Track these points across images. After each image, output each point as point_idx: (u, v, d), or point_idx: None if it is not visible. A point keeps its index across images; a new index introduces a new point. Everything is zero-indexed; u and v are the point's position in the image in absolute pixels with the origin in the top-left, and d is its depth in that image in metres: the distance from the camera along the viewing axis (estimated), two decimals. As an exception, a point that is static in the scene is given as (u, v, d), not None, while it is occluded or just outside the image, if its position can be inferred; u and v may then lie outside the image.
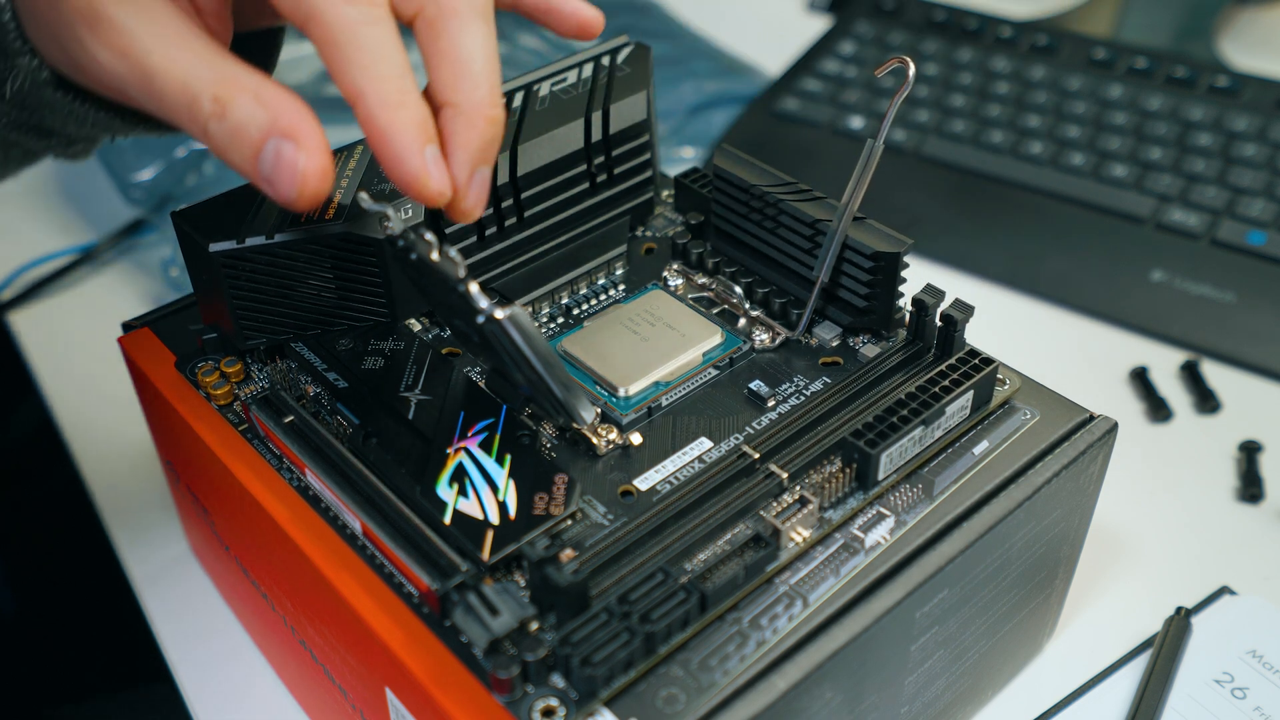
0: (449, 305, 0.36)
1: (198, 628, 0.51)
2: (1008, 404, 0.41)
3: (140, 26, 0.32)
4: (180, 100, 0.32)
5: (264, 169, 0.31)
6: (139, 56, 0.32)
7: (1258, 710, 0.45)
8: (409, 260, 0.35)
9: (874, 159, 0.41)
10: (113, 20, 0.32)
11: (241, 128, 0.31)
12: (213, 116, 0.31)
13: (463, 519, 0.35)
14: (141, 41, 0.32)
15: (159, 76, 0.32)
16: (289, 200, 0.32)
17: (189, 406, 0.42)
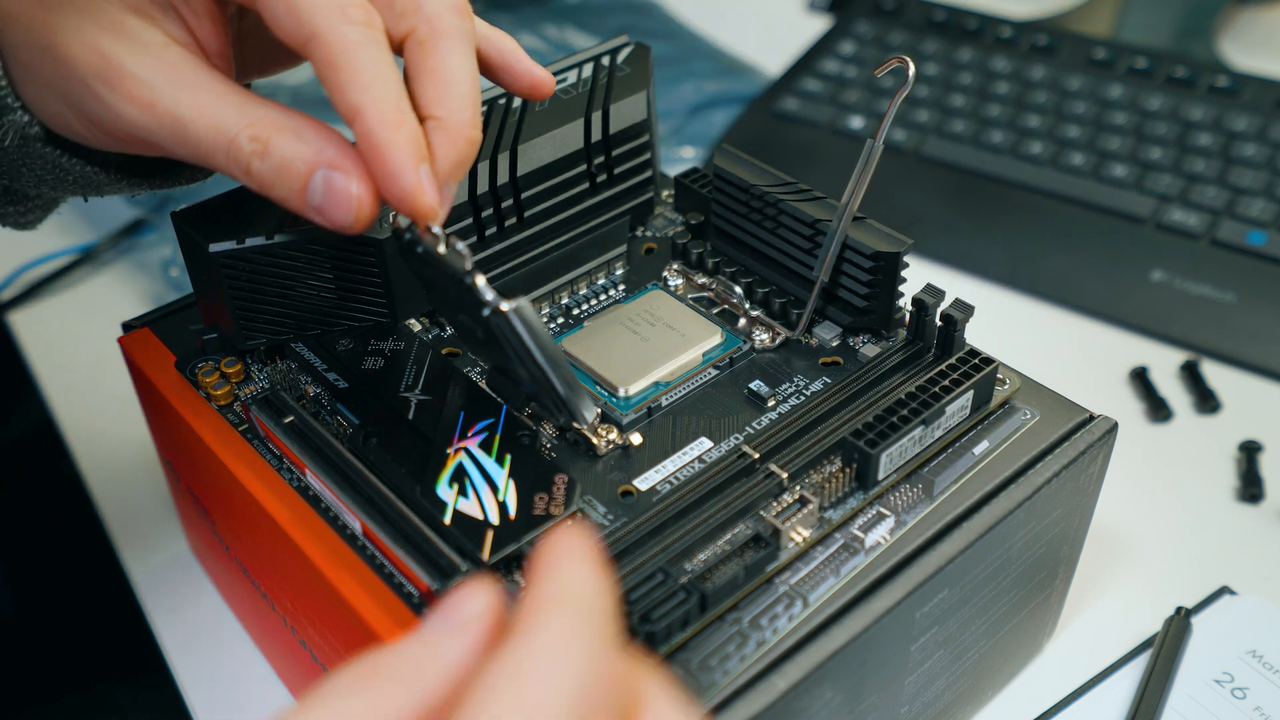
0: (454, 299, 0.36)
1: (198, 628, 0.51)
2: (1008, 404, 0.41)
3: (160, 76, 0.33)
4: (216, 144, 0.33)
5: (313, 200, 0.33)
6: (166, 106, 0.33)
7: (1258, 710, 0.45)
8: (415, 254, 0.35)
9: (874, 159, 0.41)
10: (133, 74, 0.33)
11: (287, 164, 0.33)
12: (254, 155, 0.33)
13: (463, 519, 0.35)
14: (165, 91, 0.33)
15: (190, 124, 0.33)
16: (344, 226, 0.33)
17: (189, 406, 0.42)
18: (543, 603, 0.24)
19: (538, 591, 0.24)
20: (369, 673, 0.23)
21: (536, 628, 0.23)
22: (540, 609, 0.24)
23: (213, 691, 0.49)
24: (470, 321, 0.36)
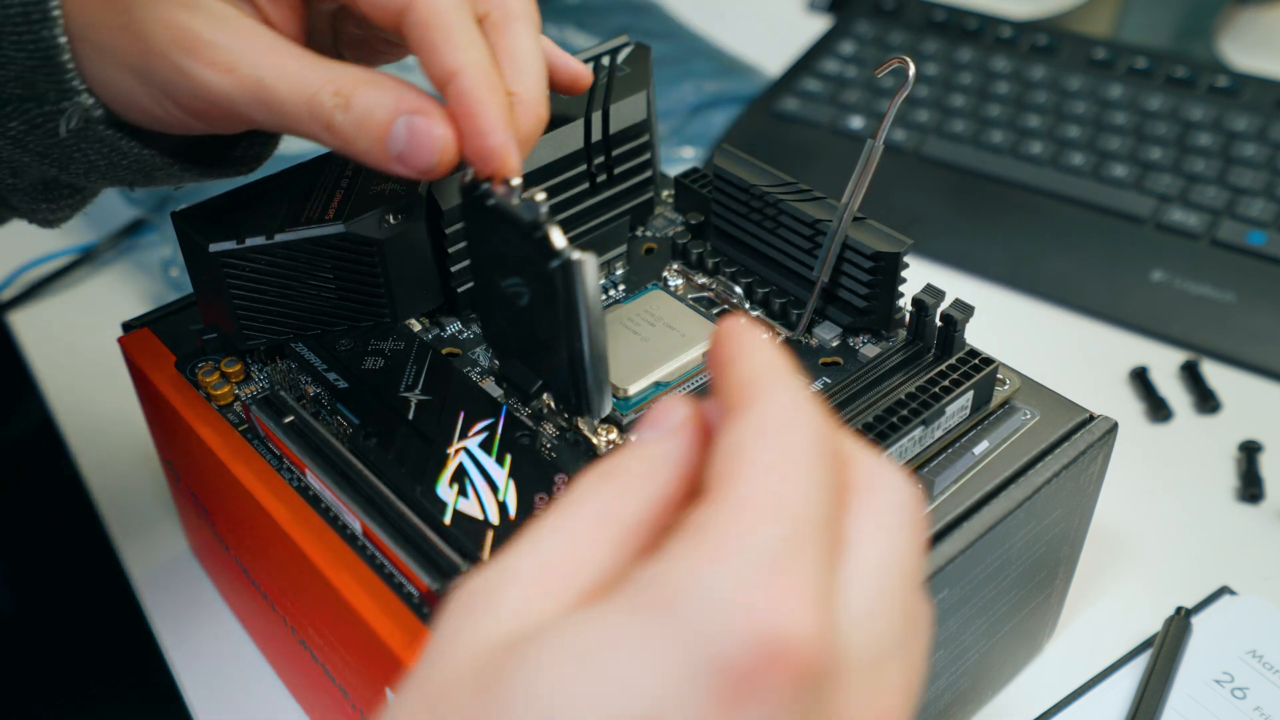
0: (505, 260, 0.35)
1: (198, 628, 0.51)
2: (1008, 404, 0.41)
3: (239, 43, 0.34)
4: (298, 101, 0.34)
5: (394, 148, 0.34)
6: (247, 70, 0.34)
7: (1258, 710, 0.45)
8: (483, 208, 0.35)
9: (874, 159, 0.41)
10: (212, 42, 0.34)
11: (369, 112, 0.34)
12: (337, 109, 0.34)
13: (463, 519, 0.35)
14: (246, 56, 0.34)
15: (272, 85, 0.34)
16: (426, 170, 0.34)
17: (189, 406, 0.42)
18: (755, 379, 0.25)
19: (741, 372, 0.25)
20: (603, 477, 0.25)
21: (761, 398, 0.24)
22: (755, 384, 0.25)
23: (213, 691, 0.49)
24: (518, 285, 0.35)
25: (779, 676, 0.20)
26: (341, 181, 0.42)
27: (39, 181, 0.41)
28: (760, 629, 0.20)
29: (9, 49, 0.36)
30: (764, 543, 0.21)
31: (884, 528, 0.24)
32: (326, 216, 0.40)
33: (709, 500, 0.23)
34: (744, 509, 0.22)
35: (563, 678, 0.21)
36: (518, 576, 0.23)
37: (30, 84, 0.37)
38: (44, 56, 0.36)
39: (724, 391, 0.25)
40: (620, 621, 0.21)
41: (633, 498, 0.24)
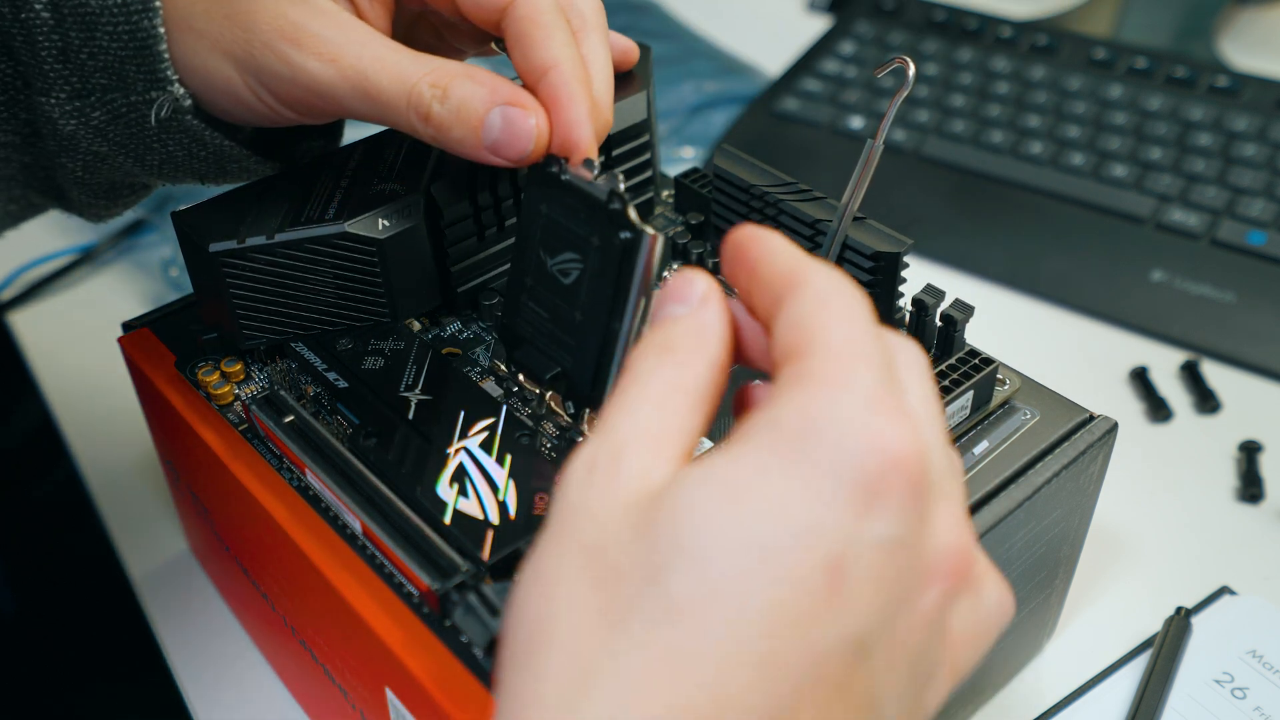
0: (562, 235, 0.36)
1: (198, 628, 0.51)
2: (1008, 404, 0.41)
3: (342, 35, 0.37)
4: (398, 91, 0.36)
5: (489, 137, 0.36)
6: (351, 61, 0.36)
7: (1258, 710, 0.45)
8: (554, 183, 0.36)
9: (874, 159, 0.41)
10: (318, 34, 0.36)
11: (466, 104, 0.36)
12: (435, 99, 0.36)
13: (463, 519, 0.35)
14: (349, 48, 0.36)
15: (374, 75, 0.36)
16: (518, 158, 0.37)
17: (189, 406, 0.42)
18: (796, 265, 0.28)
19: (779, 263, 0.28)
20: (659, 354, 0.28)
21: (810, 277, 0.27)
22: (798, 268, 0.28)
23: (213, 691, 0.49)
24: (572, 260, 0.36)
25: (900, 480, 0.24)
26: (341, 181, 0.42)
27: (107, 181, 0.43)
28: (883, 445, 0.24)
29: (103, 39, 0.38)
30: (865, 382, 0.25)
31: (919, 379, 0.28)
32: (326, 216, 0.40)
33: (802, 356, 0.26)
34: (839, 359, 0.26)
35: (724, 510, 0.24)
36: (628, 444, 0.26)
37: (119, 74, 0.38)
38: (140, 46, 0.38)
39: (766, 281, 0.28)
40: (762, 458, 0.24)
41: (692, 368, 0.28)
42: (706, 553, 0.23)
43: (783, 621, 0.23)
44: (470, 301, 0.45)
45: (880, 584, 0.24)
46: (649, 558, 0.24)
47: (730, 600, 0.23)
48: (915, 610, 0.25)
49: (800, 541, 0.23)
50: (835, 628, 0.23)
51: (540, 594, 0.25)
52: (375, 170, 0.42)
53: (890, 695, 0.25)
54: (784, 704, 0.23)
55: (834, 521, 0.24)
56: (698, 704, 0.23)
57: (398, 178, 0.42)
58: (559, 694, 0.23)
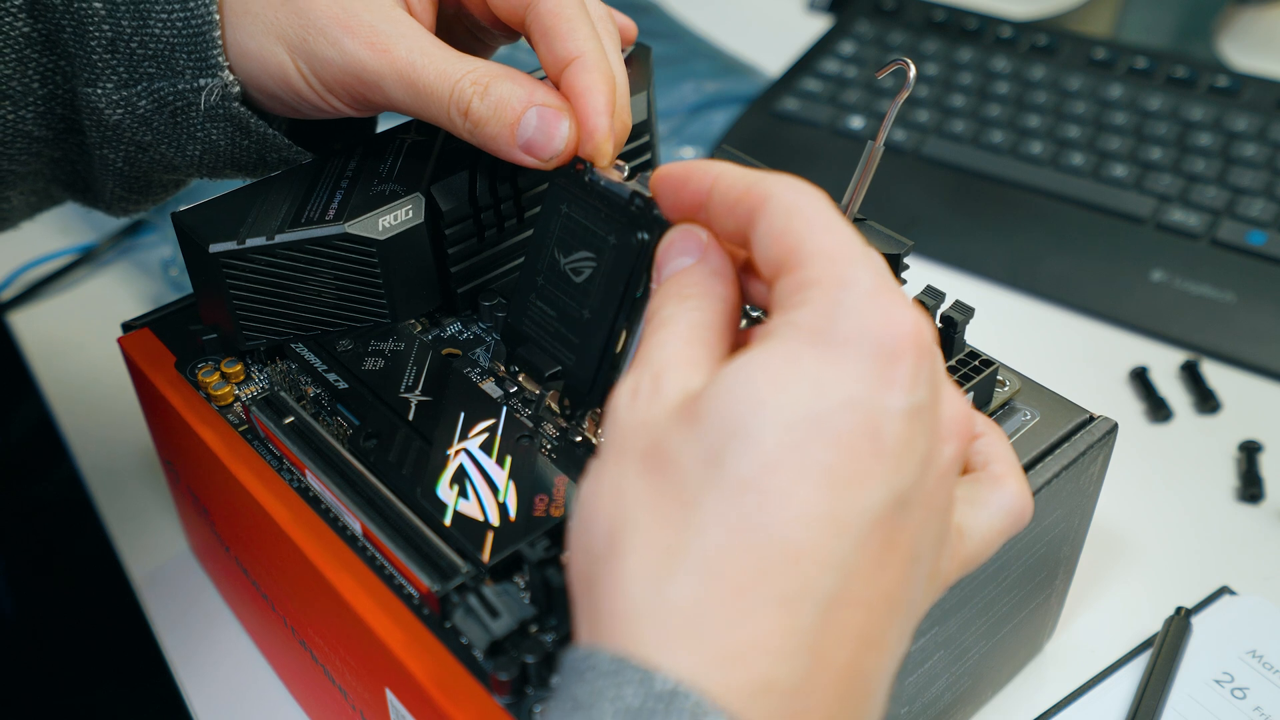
0: (580, 234, 0.36)
1: (198, 628, 0.51)
2: (1008, 405, 0.41)
3: (394, 28, 0.38)
4: (441, 85, 0.38)
5: (523, 135, 0.38)
6: (401, 53, 0.38)
7: (1258, 710, 0.45)
8: (581, 183, 0.37)
9: (874, 159, 0.41)
10: (371, 25, 0.38)
11: (504, 102, 0.38)
12: (476, 95, 0.38)
13: (463, 520, 0.35)
14: (400, 41, 0.38)
15: (421, 68, 0.38)
16: (549, 158, 0.38)
17: (189, 407, 0.42)
18: (753, 181, 0.30)
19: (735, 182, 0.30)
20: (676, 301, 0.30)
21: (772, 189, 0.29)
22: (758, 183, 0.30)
23: (213, 691, 0.49)
24: (586, 259, 0.36)
25: (914, 351, 0.27)
26: (341, 182, 0.42)
27: (145, 174, 0.44)
28: (894, 324, 0.27)
29: (156, 26, 0.39)
30: (864, 277, 0.27)
31: None
32: (326, 217, 0.40)
33: (797, 265, 0.28)
34: (835, 263, 0.28)
35: (767, 392, 0.26)
36: (666, 368, 0.29)
37: (168, 62, 0.40)
38: (194, 32, 0.39)
39: (728, 203, 0.30)
40: (791, 348, 0.27)
41: (709, 309, 0.30)
42: (760, 431, 0.26)
43: (838, 483, 0.26)
44: (470, 302, 0.45)
45: (911, 443, 0.27)
46: (707, 446, 0.26)
47: (789, 469, 0.26)
48: (938, 467, 0.28)
49: (841, 412, 0.26)
50: (882, 485, 0.26)
51: (610, 500, 0.27)
52: (375, 171, 0.42)
53: (925, 547, 0.28)
54: (848, 557, 0.25)
55: (866, 392, 0.26)
56: (774, 566, 0.25)
57: (398, 178, 0.42)
58: (646, 579, 0.26)
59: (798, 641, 0.25)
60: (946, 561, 0.30)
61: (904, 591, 0.27)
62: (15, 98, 0.42)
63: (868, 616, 0.26)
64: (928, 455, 0.27)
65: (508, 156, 0.38)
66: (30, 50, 0.41)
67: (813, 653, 0.25)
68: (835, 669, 0.25)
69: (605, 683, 0.24)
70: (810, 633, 0.25)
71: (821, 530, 0.25)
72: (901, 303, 0.27)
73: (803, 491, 0.25)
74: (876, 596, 0.26)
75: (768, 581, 0.25)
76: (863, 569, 0.26)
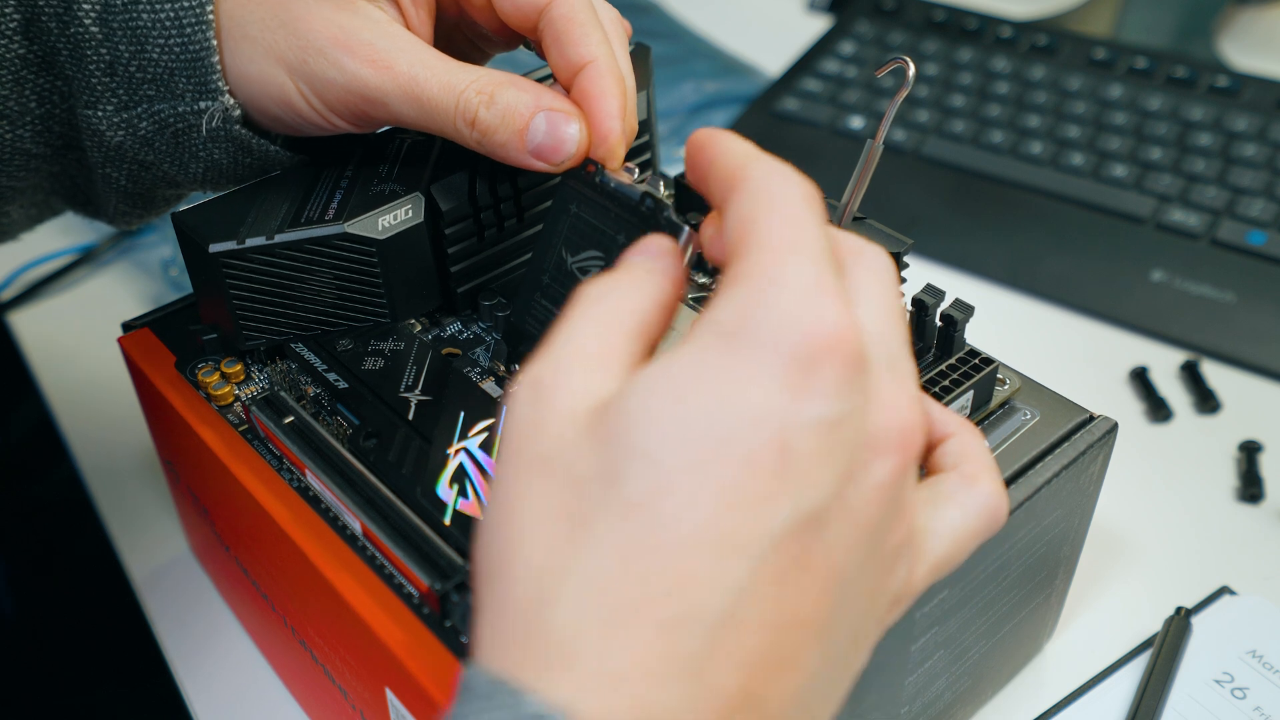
0: (590, 234, 0.37)
1: (198, 628, 0.51)
2: (1008, 404, 0.41)
3: (393, 44, 0.38)
4: (445, 98, 0.38)
5: (533, 140, 0.38)
6: (402, 68, 0.38)
7: (1258, 710, 0.45)
8: (592, 185, 0.37)
9: (874, 159, 0.41)
10: (371, 42, 0.38)
11: (511, 109, 0.38)
12: (482, 104, 0.38)
13: (463, 519, 0.35)
14: (401, 56, 0.38)
15: (424, 81, 0.38)
16: (559, 162, 0.38)
17: (189, 406, 0.42)
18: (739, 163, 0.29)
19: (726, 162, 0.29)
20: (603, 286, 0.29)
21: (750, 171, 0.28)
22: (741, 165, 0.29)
23: (213, 691, 0.49)
24: (595, 258, 0.36)
25: (835, 359, 0.25)
26: (341, 182, 0.42)
27: (148, 190, 0.44)
28: (815, 328, 0.25)
29: (154, 51, 0.39)
30: (798, 274, 0.26)
31: (876, 280, 0.29)
32: (326, 216, 0.40)
33: (742, 255, 0.27)
34: (773, 253, 0.26)
35: (669, 408, 0.25)
36: (573, 362, 0.27)
37: (168, 85, 0.40)
38: (192, 57, 0.39)
39: (718, 180, 0.29)
40: (701, 356, 0.26)
41: (635, 300, 0.29)
42: (657, 451, 0.25)
43: (733, 504, 0.24)
44: (470, 302, 0.45)
45: (826, 459, 0.25)
46: (605, 463, 0.25)
47: (682, 491, 0.24)
48: (866, 483, 0.26)
49: (743, 427, 0.25)
50: (787, 505, 0.25)
51: (504, 512, 0.26)
52: (375, 170, 0.42)
53: (853, 567, 0.26)
54: (743, 581, 0.24)
55: (773, 405, 0.25)
56: (658, 592, 0.24)
57: (398, 178, 0.42)
58: (529, 601, 0.25)
59: (680, 666, 0.24)
60: (908, 571, 0.28)
61: (827, 613, 0.25)
62: (12, 117, 0.41)
63: (773, 638, 0.25)
64: (851, 471, 0.26)
65: (518, 163, 0.38)
66: (26, 71, 0.41)
67: (696, 677, 0.24)
68: (725, 694, 0.24)
69: (478, 705, 0.24)
70: (694, 657, 0.24)
71: (712, 553, 0.24)
72: (833, 304, 0.26)
73: (694, 514, 0.24)
74: (784, 619, 0.25)
75: (650, 606, 0.24)
76: (762, 591, 0.24)
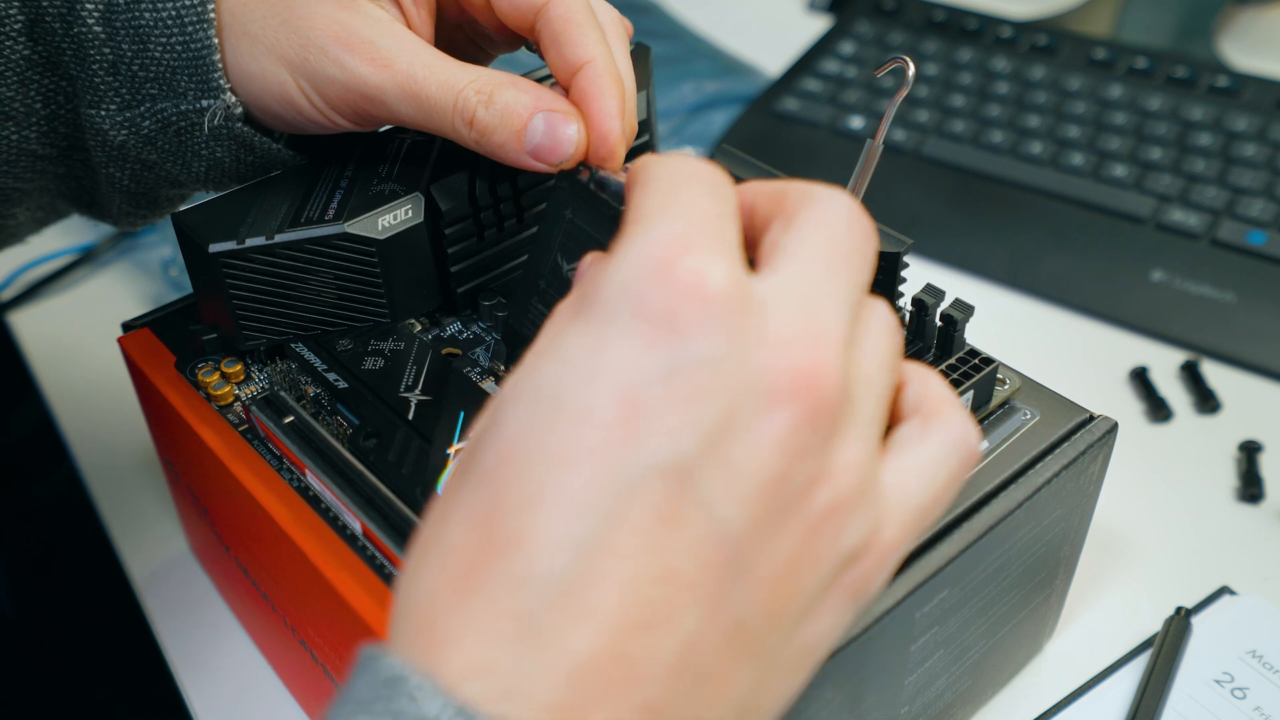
0: (588, 240, 0.37)
1: (198, 628, 0.51)
2: (1008, 404, 0.41)
3: (394, 42, 0.38)
4: (444, 97, 0.38)
5: (531, 140, 0.38)
6: (402, 67, 0.38)
7: (1258, 710, 0.45)
8: (588, 191, 0.37)
9: (874, 159, 0.41)
10: (372, 40, 0.38)
11: (510, 109, 0.38)
12: (480, 104, 0.38)
13: (463, 519, 0.35)
14: (400, 54, 0.38)
15: (423, 80, 0.38)
16: (558, 162, 0.38)
17: (189, 406, 0.42)
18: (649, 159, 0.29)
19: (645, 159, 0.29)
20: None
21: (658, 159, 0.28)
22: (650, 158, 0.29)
23: (213, 691, 0.49)
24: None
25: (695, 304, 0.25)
26: (341, 182, 0.42)
27: (151, 190, 0.44)
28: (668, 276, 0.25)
29: (156, 50, 0.39)
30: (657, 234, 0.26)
31: (800, 235, 0.28)
32: (326, 216, 0.40)
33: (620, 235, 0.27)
34: (639, 222, 0.26)
35: (520, 378, 0.26)
36: None
37: (170, 84, 0.40)
38: (194, 56, 0.39)
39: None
40: (557, 324, 0.26)
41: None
42: (503, 420, 0.25)
43: (575, 459, 0.24)
44: (470, 302, 0.45)
45: (684, 407, 0.24)
46: (471, 444, 0.27)
47: (521, 452, 0.25)
48: (755, 436, 0.25)
49: (578, 383, 0.25)
50: (638, 456, 0.24)
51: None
52: (375, 170, 0.42)
53: (749, 526, 0.25)
54: (590, 537, 0.24)
55: (618, 356, 0.25)
56: (498, 551, 0.24)
57: (398, 178, 0.42)
58: (407, 574, 0.26)
59: (521, 625, 0.24)
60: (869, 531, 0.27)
61: (716, 573, 0.24)
62: (18, 118, 0.42)
63: (636, 597, 0.24)
64: (724, 420, 0.24)
65: (516, 163, 0.38)
66: (31, 72, 0.41)
67: (538, 636, 0.24)
68: (578, 653, 0.24)
69: (350, 675, 0.25)
70: (534, 615, 0.24)
71: (552, 511, 0.24)
72: (696, 253, 0.25)
73: (533, 473, 0.24)
74: (650, 576, 0.24)
75: (490, 566, 0.24)
76: (618, 548, 0.24)
